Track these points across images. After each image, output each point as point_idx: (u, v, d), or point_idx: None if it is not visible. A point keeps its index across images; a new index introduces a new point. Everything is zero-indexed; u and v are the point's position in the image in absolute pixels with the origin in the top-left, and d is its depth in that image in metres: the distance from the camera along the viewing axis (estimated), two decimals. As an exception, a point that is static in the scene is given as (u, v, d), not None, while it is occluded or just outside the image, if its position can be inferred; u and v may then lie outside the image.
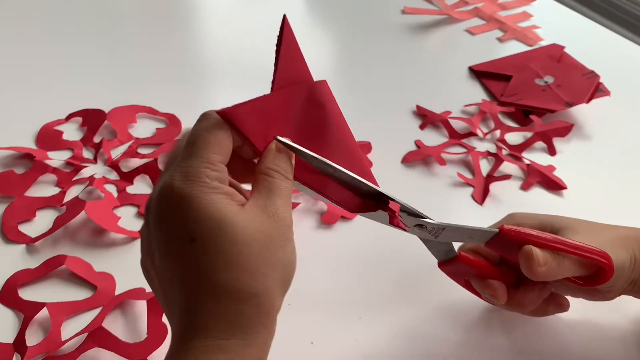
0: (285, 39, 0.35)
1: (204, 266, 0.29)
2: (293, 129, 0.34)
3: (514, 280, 0.42)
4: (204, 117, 0.32)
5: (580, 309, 0.46)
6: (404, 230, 0.38)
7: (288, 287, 0.32)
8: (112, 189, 0.57)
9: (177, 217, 0.29)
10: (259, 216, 0.30)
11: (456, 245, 0.42)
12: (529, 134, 0.65)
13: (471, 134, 0.66)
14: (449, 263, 0.41)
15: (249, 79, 0.75)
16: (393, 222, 0.36)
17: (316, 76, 0.36)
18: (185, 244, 0.29)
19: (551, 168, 0.61)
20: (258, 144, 0.33)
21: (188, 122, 0.65)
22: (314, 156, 0.33)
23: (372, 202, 0.36)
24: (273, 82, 0.34)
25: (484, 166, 0.62)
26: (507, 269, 0.42)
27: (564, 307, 0.44)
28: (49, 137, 0.63)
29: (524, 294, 0.41)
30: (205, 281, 0.29)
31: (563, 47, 0.80)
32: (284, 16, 0.36)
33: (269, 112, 0.33)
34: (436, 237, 0.38)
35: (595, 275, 0.39)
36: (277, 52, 0.35)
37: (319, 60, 0.79)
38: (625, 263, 0.39)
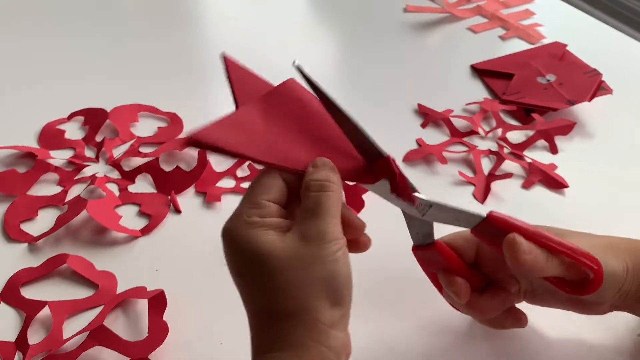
0: (230, 69, 0.37)
1: (248, 293, 0.33)
2: (274, 130, 0.35)
3: (480, 286, 0.41)
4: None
5: (568, 322, 0.45)
6: (409, 200, 0.36)
7: (341, 297, 0.32)
8: (113, 187, 0.57)
9: (227, 254, 0.34)
10: (295, 242, 0.32)
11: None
12: (530, 133, 0.65)
13: (473, 132, 0.66)
14: (424, 249, 0.40)
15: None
16: (397, 190, 0.36)
17: (318, 75, 0.36)
18: (236, 277, 0.34)
19: (553, 167, 0.61)
20: (248, 154, 0.33)
21: (190, 121, 0.66)
22: (329, 97, 0.35)
23: (372, 170, 0.36)
24: (236, 107, 0.36)
25: (486, 165, 0.61)
26: (478, 273, 0.42)
27: (521, 322, 0.43)
28: (51, 136, 0.63)
29: (486, 300, 0.41)
30: (253, 304, 0.33)
31: (565, 45, 0.79)
32: (223, 56, 0.38)
33: (242, 125, 0.34)
34: (423, 215, 0.37)
35: (583, 284, 0.37)
36: (230, 87, 0.36)
37: (321, 58, 0.79)
38: (617, 271, 0.37)
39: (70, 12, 0.87)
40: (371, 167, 0.36)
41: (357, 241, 0.37)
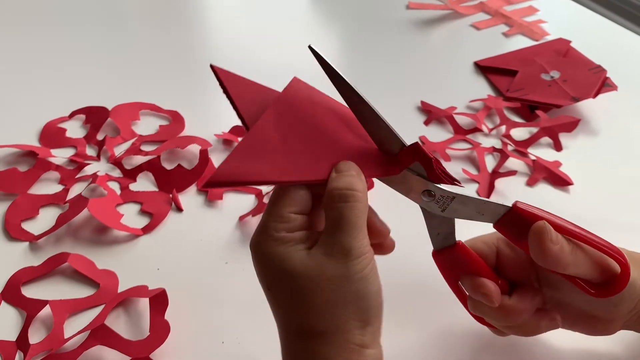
0: (225, 81, 0.35)
1: (279, 311, 0.33)
2: (291, 142, 0.33)
3: (506, 289, 0.39)
4: None
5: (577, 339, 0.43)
6: (450, 182, 0.34)
7: (370, 316, 0.32)
8: (115, 186, 0.57)
9: (257, 268, 0.33)
10: (320, 259, 0.31)
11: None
12: (534, 130, 0.65)
13: (476, 129, 0.65)
14: (445, 252, 0.38)
15: (253, 76, 0.75)
16: (435, 174, 0.33)
17: (320, 73, 0.35)
18: (266, 291, 0.33)
19: (557, 164, 0.61)
20: (273, 179, 0.32)
21: (191, 119, 0.65)
22: (348, 84, 0.33)
23: (397, 160, 0.34)
24: (244, 124, 0.34)
25: (489, 162, 0.61)
26: (502, 279, 0.40)
27: (556, 321, 0.40)
28: (52, 134, 0.63)
29: (517, 301, 0.38)
30: (282, 322, 0.33)
31: (569, 42, 0.79)
32: (211, 66, 0.35)
33: (259, 148, 0.32)
34: (443, 210, 0.35)
35: (609, 283, 0.35)
36: (227, 96, 0.34)
37: (324, 55, 0.79)
38: (637, 282, 0.36)
39: (72, 11, 0.87)
40: (394, 157, 0.34)
41: (381, 245, 0.36)
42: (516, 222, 0.35)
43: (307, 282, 0.31)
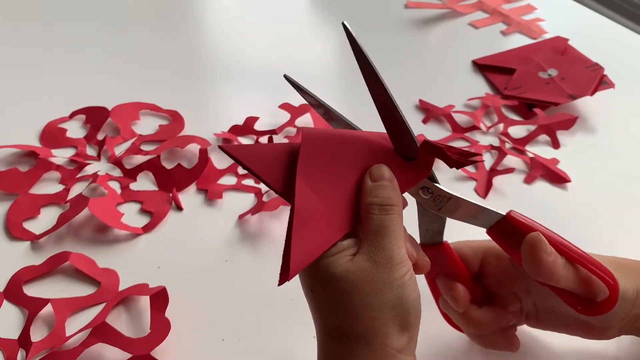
0: (241, 157, 0.34)
1: (319, 312, 0.33)
2: (330, 197, 0.33)
3: (480, 299, 0.41)
4: None
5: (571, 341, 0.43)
6: (470, 161, 0.33)
7: (409, 322, 0.32)
8: (115, 185, 0.58)
9: (302, 271, 0.33)
10: (363, 264, 0.32)
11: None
12: (532, 127, 0.65)
13: (474, 127, 0.65)
14: (430, 248, 0.39)
15: (252, 76, 0.75)
16: (455, 160, 0.33)
17: (319, 72, 0.35)
18: (308, 292, 0.34)
19: (555, 161, 0.61)
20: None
21: (191, 119, 0.66)
22: (379, 78, 0.34)
23: (419, 164, 0.34)
24: (276, 192, 0.34)
25: (487, 160, 0.61)
26: (479, 287, 0.41)
27: (513, 345, 0.41)
28: (52, 134, 0.63)
29: (483, 314, 0.40)
30: (321, 324, 0.33)
31: (567, 40, 0.79)
32: (220, 147, 0.35)
33: (309, 219, 0.32)
34: (439, 208, 0.36)
35: (596, 303, 0.36)
36: (249, 171, 0.34)
37: (322, 55, 0.79)
38: (627, 294, 0.36)
39: (72, 11, 0.87)
40: (416, 161, 0.34)
41: (416, 264, 0.36)
42: (509, 230, 0.36)
43: (349, 286, 0.31)
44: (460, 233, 0.41)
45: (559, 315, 0.40)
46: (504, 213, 0.36)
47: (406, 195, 0.36)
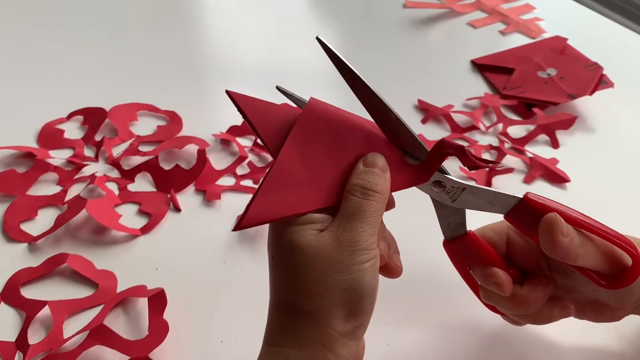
0: (243, 105, 0.34)
1: (274, 282, 0.33)
2: (317, 169, 0.33)
3: (518, 278, 0.39)
4: None
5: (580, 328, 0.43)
6: (486, 164, 0.34)
7: (358, 309, 0.32)
8: (113, 187, 0.57)
9: (269, 237, 0.34)
10: (327, 241, 0.31)
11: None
12: (531, 127, 0.65)
13: (473, 127, 0.65)
14: (456, 241, 0.38)
15: (251, 76, 0.75)
16: (471, 161, 0.33)
17: (318, 72, 0.35)
18: (270, 259, 0.33)
19: (554, 161, 0.61)
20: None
21: (189, 119, 0.65)
22: (371, 89, 0.33)
23: (425, 165, 0.34)
24: (267, 148, 0.34)
25: (487, 160, 0.61)
26: (514, 266, 0.40)
27: (569, 310, 0.40)
28: (50, 136, 0.63)
29: (529, 290, 0.38)
30: (273, 295, 0.33)
31: (566, 39, 0.79)
32: (227, 92, 0.35)
33: (285, 179, 0.32)
34: (454, 200, 0.35)
35: (620, 275, 0.35)
36: (247, 120, 0.34)
37: (321, 55, 0.79)
38: None
39: (69, 12, 0.87)
40: (421, 164, 0.34)
41: (388, 265, 0.36)
42: (527, 213, 0.35)
43: (307, 259, 0.31)
44: (478, 220, 0.40)
45: (577, 295, 0.39)
46: (520, 196, 0.35)
47: (419, 192, 0.35)
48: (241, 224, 0.31)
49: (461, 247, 0.38)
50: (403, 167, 0.34)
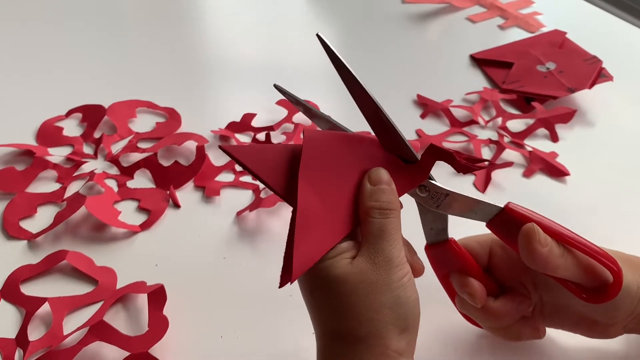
0: (241, 158, 0.34)
1: (319, 315, 0.33)
2: (331, 201, 0.33)
3: (495, 291, 0.40)
4: None
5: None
6: (478, 166, 0.34)
7: (405, 326, 0.32)
8: (112, 183, 0.57)
9: (304, 274, 0.33)
10: (363, 266, 0.32)
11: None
12: (531, 121, 0.65)
13: (472, 122, 0.65)
14: (437, 246, 0.39)
15: (249, 72, 0.75)
16: (463, 166, 0.34)
17: (318, 68, 0.35)
18: (307, 295, 0.34)
19: (554, 155, 0.61)
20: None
21: (188, 116, 0.65)
22: (367, 91, 0.33)
23: (417, 169, 0.35)
24: (277, 194, 0.34)
25: (486, 154, 0.61)
26: (491, 279, 0.40)
27: (539, 332, 0.41)
28: (49, 133, 0.63)
29: (502, 305, 0.39)
30: (321, 326, 0.33)
31: (565, 33, 0.79)
32: (221, 147, 0.34)
33: (310, 223, 0.33)
34: (438, 205, 0.36)
35: (600, 290, 0.35)
36: (249, 172, 0.34)
37: (320, 52, 0.79)
38: (632, 288, 0.35)
39: (67, 9, 0.87)
40: (415, 166, 0.35)
41: (412, 267, 0.36)
42: (508, 222, 0.36)
43: (349, 288, 0.32)
44: (465, 228, 0.40)
45: (565, 311, 0.39)
46: (502, 206, 0.36)
47: (406, 195, 0.36)
48: (291, 278, 0.31)
49: (441, 253, 0.39)
50: (402, 170, 0.35)
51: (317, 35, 0.33)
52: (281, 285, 0.32)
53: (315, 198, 0.33)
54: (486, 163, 0.35)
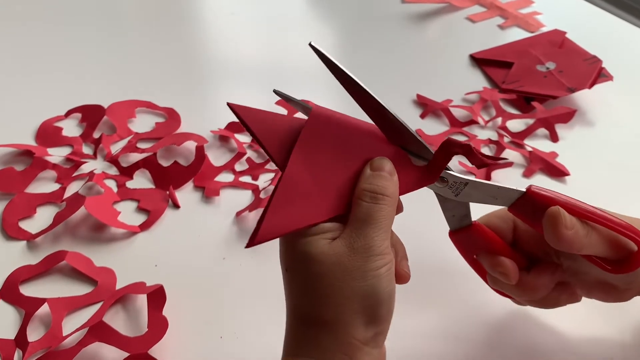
0: (246, 118, 0.34)
1: (290, 293, 0.33)
2: (322, 178, 0.33)
3: (525, 264, 0.40)
4: None
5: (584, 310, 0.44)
6: (494, 161, 0.34)
7: (378, 315, 0.31)
8: (112, 184, 0.57)
9: (280, 248, 0.33)
10: (340, 249, 0.31)
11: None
12: (530, 121, 0.65)
13: (472, 122, 0.65)
14: (462, 232, 0.38)
15: (249, 72, 0.75)
16: (478, 159, 0.33)
17: (317, 68, 0.35)
18: (284, 272, 0.33)
19: (554, 155, 0.61)
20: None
21: (187, 116, 0.65)
22: (371, 95, 0.33)
23: (431, 166, 0.34)
24: (273, 160, 0.34)
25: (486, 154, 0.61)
26: (519, 252, 0.40)
27: (576, 297, 0.41)
28: (48, 133, 0.63)
29: (536, 277, 0.39)
30: (290, 305, 0.33)
31: (565, 33, 0.79)
32: (228, 104, 0.35)
33: (294, 192, 0.32)
34: (457, 194, 0.36)
35: (625, 260, 0.36)
36: (250, 133, 0.34)
37: (327, 53, 0.79)
38: None
39: (67, 9, 0.87)
40: (426, 165, 0.35)
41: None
42: (530, 205, 0.36)
43: (323, 269, 0.31)
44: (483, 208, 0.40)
45: (584, 277, 0.39)
46: (524, 189, 0.36)
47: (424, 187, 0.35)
48: (255, 240, 0.31)
49: (467, 238, 0.39)
50: (409, 169, 0.35)
51: (310, 45, 0.32)
52: (247, 245, 0.31)
53: (306, 171, 0.33)
54: (504, 161, 0.35)
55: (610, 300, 0.40)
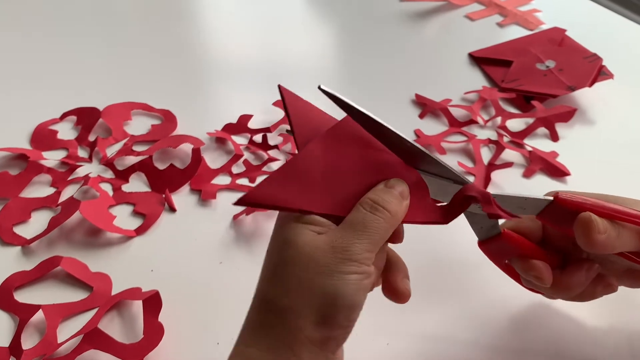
0: (288, 102, 0.35)
1: (261, 274, 0.33)
2: (332, 176, 0.33)
3: (559, 263, 0.39)
4: None
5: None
6: (511, 217, 0.34)
7: (329, 320, 0.30)
8: (107, 187, 0.57)
9: (275, 228, 0.33)
10: (321, 244, 0.31)
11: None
12: (530, 120, 0.64)
13: (472, 121, 0.64)
14: (491, 241, 0.38)
15: (246, 73, 0.74)
16: (491, 211, 0.33)
17: (316, 68, 0.34)
18: (266, 251, 0.33)
19: (554, 154, 0.60)
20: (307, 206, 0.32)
21: (183, 118, 0.65)
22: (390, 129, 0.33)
23: (448, 210, 0.35)
24: (296, 144, 0.34)
25: (485, 154, 0.60)
26: (551, 250, 0.40)
27: (613, 287, 0.40)
28: (43, 136, 0.62)
29: (571, 276, 0.38)
30: (258, 287, 0.33)
31: (564, 31, 0.78)
32: (279, 87, 0.35)
33: (301, 173, 0.32)
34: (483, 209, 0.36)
35: None
36: (287, 116, 0.34)
37: (318, 51, 0.78)
38: None
39: (62, 11, 0.86)
40: (445, 206, 0.35)
41: (395, 289, 0.35)
42: (559, 212, 0.35)
43: (295, 257, 0.30)
44: None
45: (612, 266, 0.39)
46: (551, 198, 0.35)
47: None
48: (243, 199, 0.31)
49: (497, 246, 0.38)
50: (425, 201, 0.35)
51: (320, 88, 0.32)
52: (236, 202, 0.31)
53: (320, 162, 0.33)
54: (519, 217, 0.35)
55: (636, 286, 0.40)
